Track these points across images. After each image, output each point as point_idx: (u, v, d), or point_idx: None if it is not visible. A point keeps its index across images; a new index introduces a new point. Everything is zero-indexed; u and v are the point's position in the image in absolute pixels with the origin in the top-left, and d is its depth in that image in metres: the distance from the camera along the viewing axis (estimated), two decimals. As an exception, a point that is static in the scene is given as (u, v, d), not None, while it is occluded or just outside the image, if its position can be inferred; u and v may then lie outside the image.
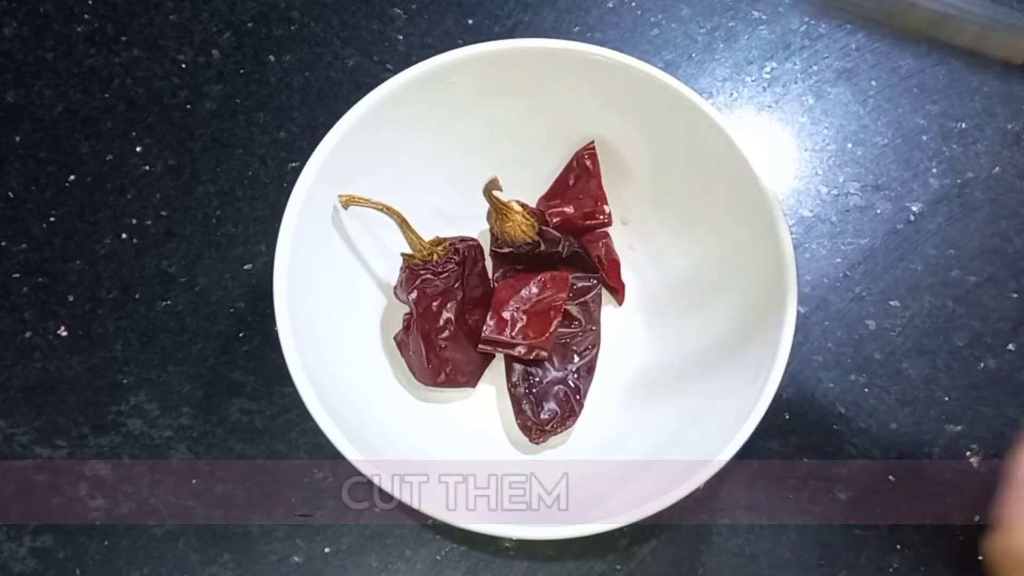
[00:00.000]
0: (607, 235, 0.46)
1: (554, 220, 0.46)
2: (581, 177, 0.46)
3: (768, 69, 0.53)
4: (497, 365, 0.45)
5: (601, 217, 0.46)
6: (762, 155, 0.41)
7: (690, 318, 0.44)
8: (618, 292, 0.46)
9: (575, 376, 0.44)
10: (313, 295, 0.40)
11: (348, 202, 0.40)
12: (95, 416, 0.45)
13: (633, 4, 0.54)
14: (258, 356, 0.45)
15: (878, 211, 0.49)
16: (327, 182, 0.40)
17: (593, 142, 0.45)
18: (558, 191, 0.46)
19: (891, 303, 0.47)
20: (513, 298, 0.42)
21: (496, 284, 0.44)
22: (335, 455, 0.36)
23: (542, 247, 0.44)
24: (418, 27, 0.53)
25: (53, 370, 0.45)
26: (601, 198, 0.46)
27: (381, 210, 0.41)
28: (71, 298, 0.47)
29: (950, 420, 0.45)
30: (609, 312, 0.46)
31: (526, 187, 0.47)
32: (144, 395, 0.45)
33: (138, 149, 0.50)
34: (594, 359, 0.45)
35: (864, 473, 0.44)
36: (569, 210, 0.46)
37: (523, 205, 0.43)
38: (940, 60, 0.53)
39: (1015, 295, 0.47)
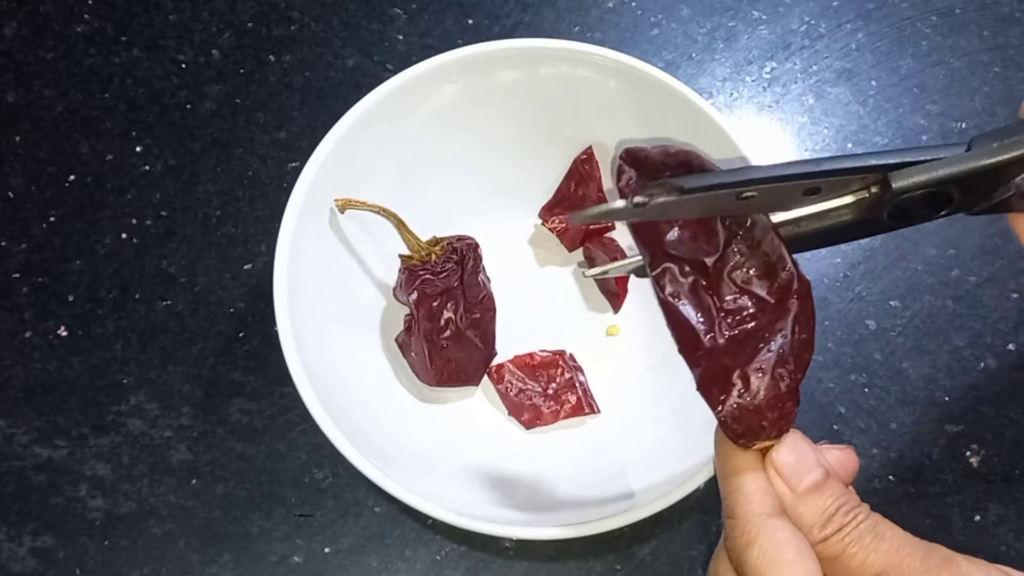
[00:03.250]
0: (614, 240, 0.46)
1: (557, 228, 0.46)
2: (582, 183, 0.46)
3: (768, 69, 0.53)
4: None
5: (604, 222, 0.46)
6: (762, 155, 0.40)
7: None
8: (618, 298, 0.46)
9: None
10: (313, 295, 0.40)
11: (345, 206, 0.40)
12: (95, 416, 0.45)
13: (633, 4, 0.54)
14: (258, 356, 0.45)
15: (878, 211, 0.49)
16: (327, 182, 0.40)
17: (590, 147, 0.45)
18: (560, 199, 0.46)
19: (891, 303, 0.47)
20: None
21: None
22: (335, 455, 0.36)
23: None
24: (418, 27, 0.53)
25: (53, 370, 0.45)
26: (602, 202, 0.46)
27: (378, 212, 0.41)
28: (71, 298, 0.47)
29: (950, 420, 0.45)
30: (610, 314, 0.46)
31: (529, 191, 0.47)
32: (144, 395, 0.45)
33: (138, 149, 0.50)
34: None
35: (864, 473, 0.44)
36: None
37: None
38: (940, 60, 0.53)
39: (1015, 295, 0.47)
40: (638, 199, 0.26)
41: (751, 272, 0.29)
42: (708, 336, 0.28)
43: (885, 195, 0.27)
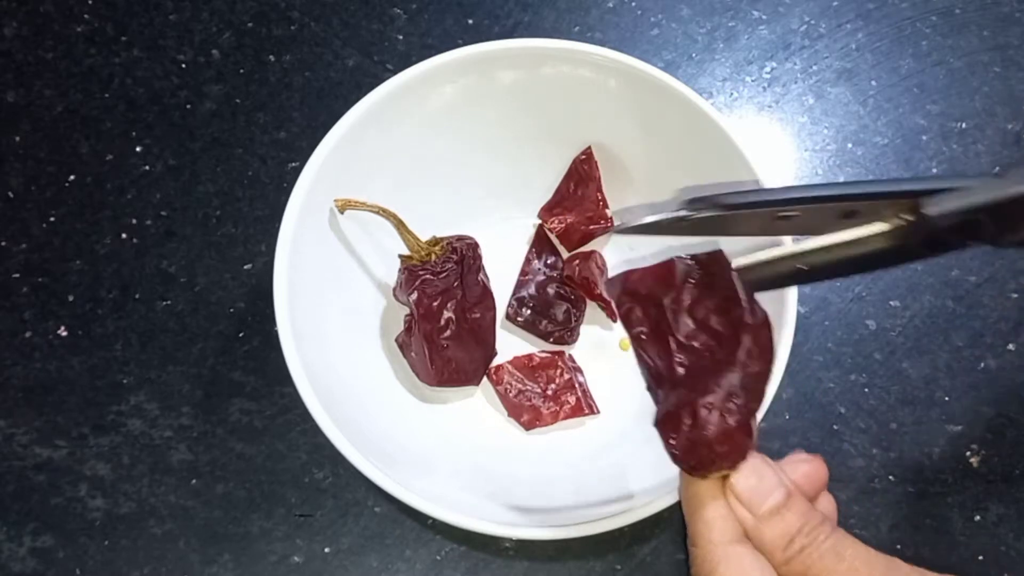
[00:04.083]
0: (595, 252, 0.46)
1: (557, 229, 0.46)
2: (581, 183, 0.46)
3: (768, 69, 0.53)
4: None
5: (603, 222, 0.46)
6: (762, 155, 0.40)
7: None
8: (608, 308, 0.46)
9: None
10: (313, 295, 0.40)
11: (344, 206, 0.40)
12: (95, 416, 0.45)
13: (633, 4, 0.54)
14: (258, 356, 0.45)
15: (878, 211, 0.49)
16: (327, 182, 0.40)
17: (590, 147, 0.45)
18: (559, 199, 0.46)
19: (891, 303, 0.47)
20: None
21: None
22: (335, 455, 0.36)
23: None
24: (418, 27, 0.53)
25: (53, 370, 0.45)
26: (601, 202, 0.46)
27: (378, 212, 0.41)
28: (71, 298, 0.47)
29: (950, 420, 0.45)
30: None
31: (529, 191, 0.47)
32: (144, 395, 0.45)
33: (138, 149, 0.50)
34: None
35: (864, 473, 0.44)
36: (571, 218, 0.46)
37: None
38: (940, 60, 0.53)
39: (1015, 295, 0.47)
40: (683, 212, 0.27)
41: (708, 307, 0.29)
42: (668, 372, 0.29)
43: (918, 223, 0.27)
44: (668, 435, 0.28)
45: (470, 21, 0.53)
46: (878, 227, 0.28)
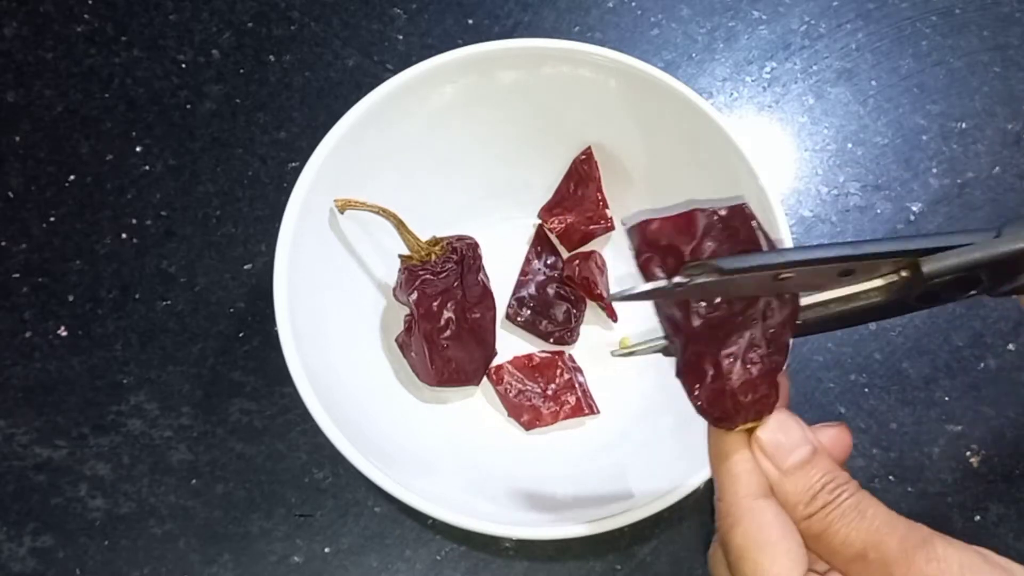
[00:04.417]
0: (595, 252, 0.46)
1: (557, 229, 0.46)
2: (581, 183, 0.46)
3: (768, 69, 0.53)
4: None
5: (604, 222, 0.46)
6: (762, 155, 0.40)
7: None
8: (608, 308, 0.46)
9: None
10: (313, 295, 0.40)
11: (344, 206, 0.40)
12: (95, 416, 0.45)
13: (633, 4, 0.54)
14: (258, 356, 0.45)
15: (878, 211, 0.49)
16: (327, 182, 0.40)
17: (590, 147, 0.45)
18: (560, 199, 0.46)
19: (891, 303, 0.47)
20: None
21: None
22: (335, 455, 0.36)
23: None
24: (418, 27, 0.53)
25: (53, 370, 0.45)
26: (601, 202, 0.46)
27: (378, 213, 0.41)
28: (71, 298, 0.47)
29: (950, 420, 0.45)
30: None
31: (529, 191, 0.47)
32: (144, 395, 0.45)
33: (138, 149, 0.50)
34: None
35: (864, 473, 0.44)
36: (571, 218, 0.46)
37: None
38: (940, 60, 0.53)
39: (1015, 295, 0.47)
40: (678, 279, 0.27)
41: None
42: (685, 323, 0.28)
43: (915, 279, 0.27)
44: (692, 386, 0.28)
45: (470, 21, 0.53)
46: (876, 283, 0.28)
